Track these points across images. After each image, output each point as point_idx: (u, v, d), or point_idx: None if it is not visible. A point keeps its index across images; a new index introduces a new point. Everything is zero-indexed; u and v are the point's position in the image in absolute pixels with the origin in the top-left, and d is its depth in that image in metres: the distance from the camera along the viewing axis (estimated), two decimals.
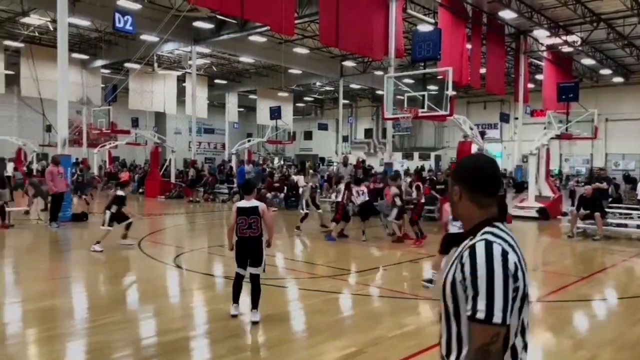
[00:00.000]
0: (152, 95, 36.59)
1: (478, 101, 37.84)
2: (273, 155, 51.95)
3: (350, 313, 6.13)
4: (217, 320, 5.55)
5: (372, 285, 7.37)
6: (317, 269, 8.65)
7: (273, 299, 6.29)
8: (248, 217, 5.50)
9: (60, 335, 4.96)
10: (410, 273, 8.30)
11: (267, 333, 5.17)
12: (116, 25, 13.44)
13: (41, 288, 6.90)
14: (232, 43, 28.62)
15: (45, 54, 30.69)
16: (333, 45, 19.25)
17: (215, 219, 16.02)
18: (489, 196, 1.75)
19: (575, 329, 5.71)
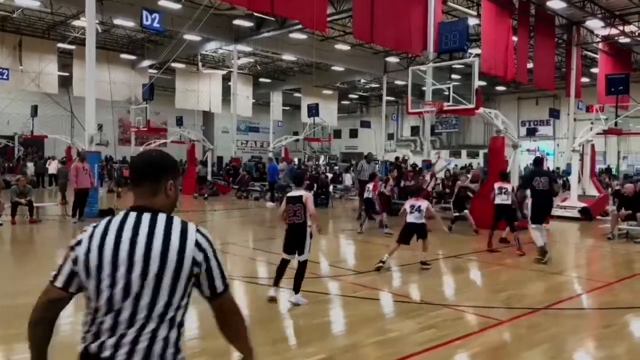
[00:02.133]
0: (198, 95, 37.29)
1: (529, 97, 36.28)
2: (319, 154, 51.88)
3: (335, 317, 5.78)
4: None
5: (370, 287, 6.96)
6: (319, 268, 8.31)
7: (262, 299, 6.05)
8: (294, 205, 5.94)
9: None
10: (417, 275, 7.82)
11: None
12: (144, 23, 13.58)
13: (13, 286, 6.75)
14: (273, 41, 28.64)
15: (96, 55, 31.79)
16: (368, 40, 18.79)
17: (237, 216, 15.99)
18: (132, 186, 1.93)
19: (569, 343, 5.13)
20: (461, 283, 7.52)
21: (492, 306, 6.10)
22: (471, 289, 7.01)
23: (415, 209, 8.52)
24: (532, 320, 5.63)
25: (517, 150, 13.40)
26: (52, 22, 29.77)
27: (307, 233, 5.97)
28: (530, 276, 7.91)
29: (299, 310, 5.82)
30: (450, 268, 8.60)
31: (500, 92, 38.55)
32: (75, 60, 32.17)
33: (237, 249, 10.19)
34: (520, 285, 7.26)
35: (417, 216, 8.40)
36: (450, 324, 5.35)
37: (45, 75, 30.68)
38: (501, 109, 39.41)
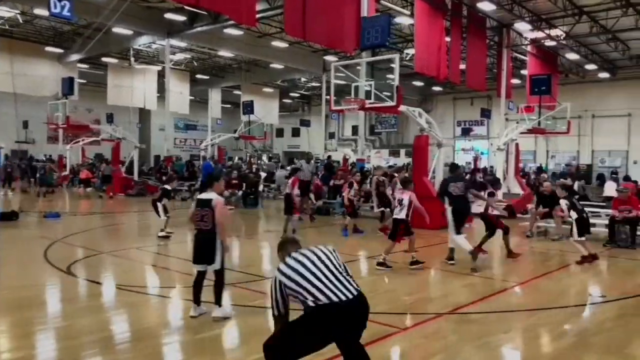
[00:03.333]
0: (132, 91, 35.83)
1: (464, 97, 37.06)
2: (260, 152, 51.22)
3: (223, 330, 5.34)
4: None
5: None
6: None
7: (151, 312, 5.56)
8: (202, 209, 5.39)
9: None
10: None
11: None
12: (52, 11, 12.63)
13: None
14: (208, 36, 27.84)
15: (18, 47, 29.95)
16: (299, 36, 18.37)
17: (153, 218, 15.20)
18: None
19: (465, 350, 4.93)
20: (371, 286, 7.25)
21: (395, 312, 5.86)
22: (379, 294, 6.75)
23: (400, 202, 8.27)
24: (433, 326, 5.43)
25: (442, 149, 13.43)
26: None
27: (216, 242, 5.39)
28: (442, 278, 7.79)
29: (187, 323, 5.37)
30: (365, 270, 8.36)
31: (437, 93, 39.23)
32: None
33: (138, 254, 9.56)
34: (430, 288, 7.11)
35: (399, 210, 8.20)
36: None
37: None
38: (438, 109, 40.18)
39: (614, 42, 24.51)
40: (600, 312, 6.37)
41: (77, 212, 16.28)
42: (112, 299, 6.53)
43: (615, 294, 7.33)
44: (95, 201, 19.36)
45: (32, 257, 8.65)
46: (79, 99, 37.84)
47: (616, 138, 30.55)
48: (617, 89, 30.31)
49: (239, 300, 6.32)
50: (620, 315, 6.04)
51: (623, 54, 26.16)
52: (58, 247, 9.54)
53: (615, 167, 28.33)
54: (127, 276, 7.70)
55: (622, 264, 9.58)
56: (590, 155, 31.74)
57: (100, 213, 16.12)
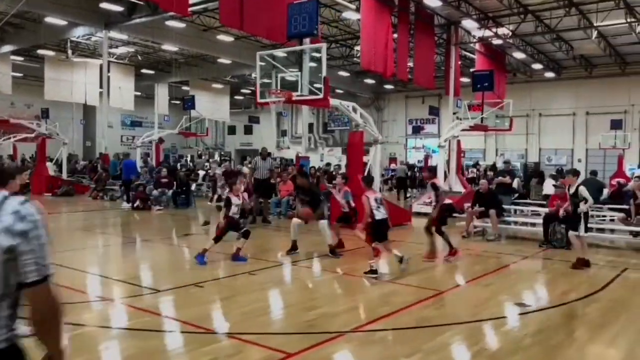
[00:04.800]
0: (72, 85, 34.01)
1: (416, 95, 36.93)
2: (212, 150, 49.95)
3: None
4: None
5: (153, 311, 5.76)
6: (116, 286, 7.00)
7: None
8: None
9: None
10: (228, 291, 6.74)
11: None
12: None
13: None
14: (149, 29, 26.56)
15: None
16: (236, 27, 17.49)
17: (77, 220, 14.15)
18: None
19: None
20: (272, 299, 6.52)
21: (290, 332, 5.14)
22: (278, 309, 6.03)
23: (378, 202, 7.71)
24: (327, 350, 4.73)
25: (378, 146, 12.88)
26: None
27: None
28: (356, 287, 7.14)
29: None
30: (274, 279, 7.62)
31: (389, 91, 39.03)
32: None
33: None
34: (339, 300, 6.42)
35: (384, 211, 7.66)
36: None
37: None
38: (390, 107, 39.99)
39: (558, 41, 24.69)
40: (521, 325, 5.84)
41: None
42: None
43: (541, 302, 6.86)
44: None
45: None
46: (17, 94, 35.84)
47: (562, 137, 30.99)
48: (562, 89, 30.73)
49: (115, 321, 5.48)
50: (541, 330, 5.50)
51: (567, 54, 26.42)
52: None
53: (561, 165, 28.64)
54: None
55: (555, 266, 9.18)
56: (537, 153, 32.10)
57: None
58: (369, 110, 41.61)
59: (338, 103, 11.75)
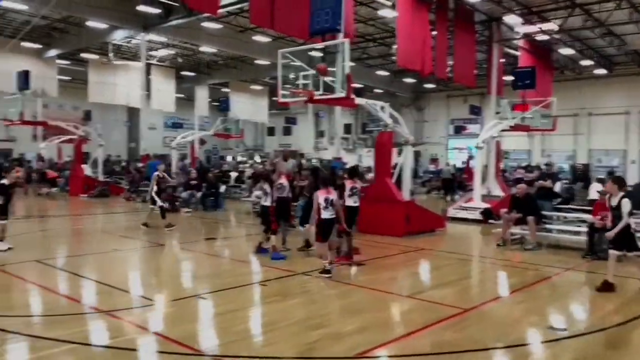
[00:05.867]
0: (115, 88, 34.75)
1: (458, 95, 35.80)
2: (252, 152, 50.15)
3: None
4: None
5: (144, 327, 5.37)
6: (116, 297, 6.67)
7: None
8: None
9: None
10: (232, 304, 6.30)
11: None
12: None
13: None
14: (186, 30, 26.68)
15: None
16: (267, 26, 17.19)
17: (104, 222, 14.10)
18: None
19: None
20: (276, 315, 6.01)
21: (286, 356, 4.63)
22: (279, 326, 5.53)
23: (329, 202, 7.68)
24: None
25: (409, 147, 12.25)
26: None
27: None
28: (372, 302, 6.56)
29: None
30: (283, 291, 7.12)
31: (430, 90, 38.02)
32: None
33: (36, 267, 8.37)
34: (349, 317, 5.85)
35: (332, 211, 7.68)
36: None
37: None
38: (431, 106, 38.95)
39: (609, 36, 23.24)
40: (553, 354, 5.12)
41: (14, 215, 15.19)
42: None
43: (579, 326, 6.09)
44: (43, 202, 18.41)
45: None
46: (64, 97, 36.93)
47: (613, 137, 29.24)
48: (614, 86, 28.98)
49: (93, 336, 5.13)
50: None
51: (619, 49, 24.86)
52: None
53: (612, 166, 26.98)
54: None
55: (599, 281, 8.29)
56: (587, 154, 30.42)
57: (37, 216, 15.12)
58: (409, 110, 40.76)
59: (364, 102, 11.20)
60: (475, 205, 14.54)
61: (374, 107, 11.17)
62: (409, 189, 12.58)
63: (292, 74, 11.16)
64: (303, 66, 10.38)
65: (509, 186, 15.72)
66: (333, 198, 7.84)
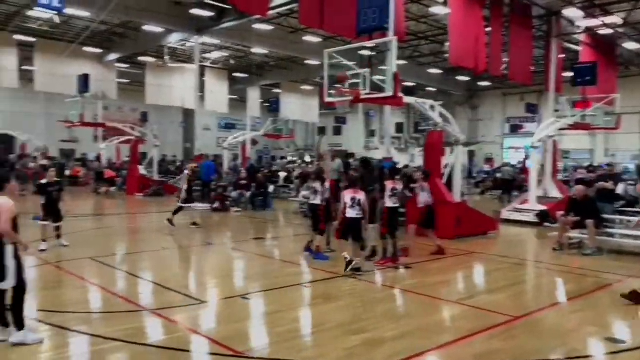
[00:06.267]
0: (170, 90, 35.87)
1: (514, 92, 34.67)
2: (303, 152, 50.44)
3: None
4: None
5: (191, 328, 5.43)
6: (163, 295, 6.81)
7: None
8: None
9: None
10: (271, 305, 6.28)
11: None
12: (40, 2, 12.11)
13: None
14: (238, 32, 27.16)
15: (56, 48, 30.29)
16: (316, 26, 17.21)
17: (157, 221, 14.47)
18: None
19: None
20: (317, 318, 5.95)
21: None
22: (319, 330, 5.46)
23: (355, 202, 7.68)
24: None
25: (460, 147, 11.92)
26: (7, 12, 28.34)
27: (4, 254, 4.59)
28: (417, 306, 6.38)
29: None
30: (326, 293, 7.05)
31: (485, 88, 37.02)
32: (37, 54, 30.77)
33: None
34: (392, 322, 5.71)
35: (358, 211, 7.67)
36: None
37: (5, 70, 29.18)
38: (485, 105, 37.92)
39: None
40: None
41: (73, 213, 15.85)
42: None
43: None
44: (101, 201, 19.18)
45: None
46: (124, 99, 38.44)
47: None
48: None
49: (143, 334, 5.22)
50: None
51: None
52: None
53: None
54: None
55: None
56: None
57: (94, 215, 15.74)
58: (463, 109, 39.83)
59: (413, 101, 10.97)
60: (531, 207, 13.98)
61: (423, 106, 10.94)
62: (460, 189, 12.24)
63: (339, 73, 11.04)
64: (351, 66, 10.27)
65: (569, 187, 15.04)
66: (361, 198, 7.82)
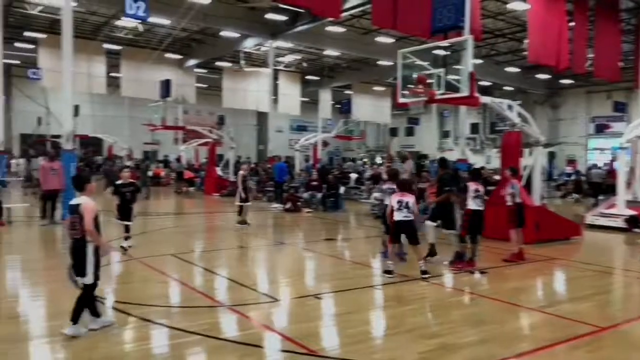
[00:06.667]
0: (245, 93, 36.93)
1: (599, 90, 32.69)
2: (374, 153, 50.21)
3: None
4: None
5: (264, 324, 5.53)
6: (238, 292, 6.99)
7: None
8: (72, 215, 4.98)
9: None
10: (342, 306, 6.27)
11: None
12: (127, 12, 12.87)
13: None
14: (311, 35, 27.56)
15: (140, 55, 32.01)
16: (389, 27, 17.13)
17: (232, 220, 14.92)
18: None
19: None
20: (390, 320, 5.89)
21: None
22: (392, 332, 5.40)
23: (403, 205, 7.62)
24: None
25: (540, 148, 11.40)
26: (97, 22, 30.28)
27: (86, 251, 4.88)
28: (495, 313, 6.16)
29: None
30: (398, 295, 6.96)
31: (567, 86, 35.20)
32: (123, 61, 32.65)
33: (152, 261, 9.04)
34: (468, 328, 5.55)
35: (406, 213, 7.61)
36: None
37: (94, 77, 31.19)
38: (567, 104, 36.06)
39: None
40: None
41: (155, 211, 16.66)
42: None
43: None
44: (183, 200, 20.04)
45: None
46: (202, 103, 40.03)
47: None
48: None
49: (219, 329, 5.40)
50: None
51: None
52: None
53: None
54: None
55: None
56: None
57: (174, 213, 16.47)
58: (543, 108, 38.08)
59: (490, 101, 10.62)
60: (618, 212, 13.12)
61: (500, 106, 10.56)
62: (540, 193, 11.71)
63: (413, 73, 10.93)
64: (425, 65, 10.11)
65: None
66: (409, 201, 7.69)
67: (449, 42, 10.06)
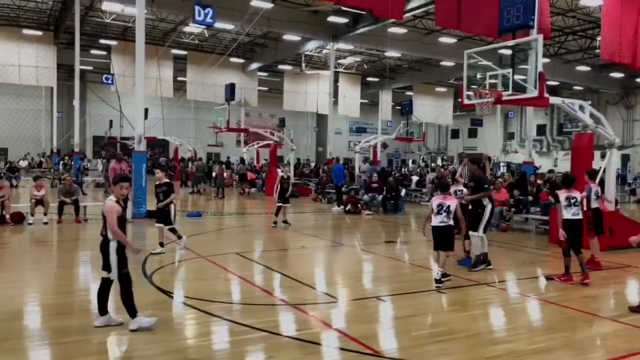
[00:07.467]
0: (306, 96, 37.38)
1: None
2: (434, 155, 49.47)
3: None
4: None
5: (328, 324, 5.59)
6: (299, 291, 7.09)
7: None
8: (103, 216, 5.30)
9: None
10: (407, 309, 6.22)
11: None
12: (196, 19, 13.35)
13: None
14: (372, 37, 27.54)
15: (205, 59, 33.08)
16: (453, 27, 16.89)
17: (296, 221, 15.09)
18: None
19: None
20: (454, 324, 5.78)
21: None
22: (457, 336, 5.30)
23: (444, 209, 7.29)
24: None
25: (614, 151, 10.85)
26: (165, 29, 31.56)
27: (109, 249, 5.14)
28: (566, 320, 5.93)
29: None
30: (463, 300, 6.83)
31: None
32: (189, 65, 33.84)
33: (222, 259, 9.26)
34: (537, 334, 5.38)
35: (443, 218, 7.27)
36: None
37: (162, 81, 32.46)
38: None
39: None
40: None
41: (220, 211, 17.14)
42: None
43: None
44: (244, 200, 20.51)
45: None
46: (263, 106, 40.87)
47: None
48: None
49: (279, 326, 5.53)
50: None
51: None
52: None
53: None
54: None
55: None
56: None
57: (237, 213, 16.88)
58: (616, 108, 36.17)
59: (560, 101, 10.21)
60: None
61: (571, 107, 10.14)
62: (613, 197, 11.15)
63: (479, 74, 10.70)
64: (491, 66, 9.87)
65: None
66: (450, 204, 7.27)
67: (517, 41, 9.74)
